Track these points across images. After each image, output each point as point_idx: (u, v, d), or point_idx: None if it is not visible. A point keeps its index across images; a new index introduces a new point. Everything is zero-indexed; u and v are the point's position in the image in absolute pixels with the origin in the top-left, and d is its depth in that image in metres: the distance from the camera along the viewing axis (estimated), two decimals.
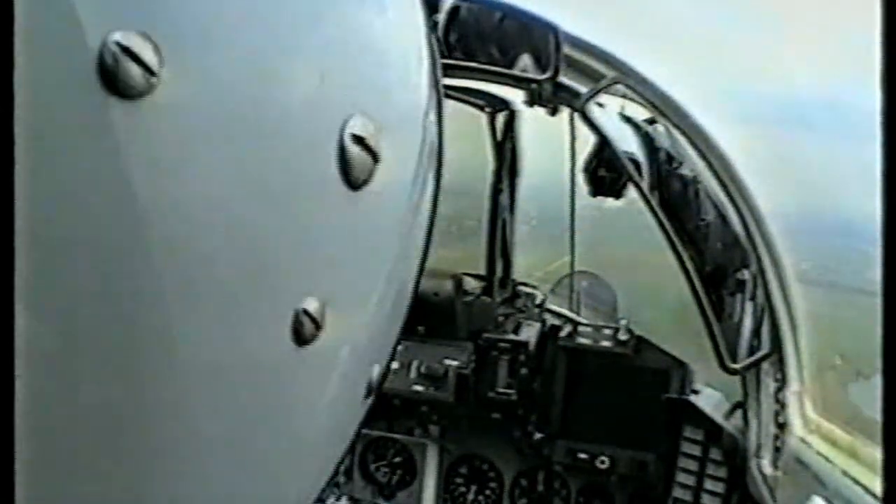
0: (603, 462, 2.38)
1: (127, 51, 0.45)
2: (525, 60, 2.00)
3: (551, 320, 2.57)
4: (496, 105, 2.43)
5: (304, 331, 0.58)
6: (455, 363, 2.37)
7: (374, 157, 0.59)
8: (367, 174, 0.59)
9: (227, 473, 0.62)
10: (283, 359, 0.59)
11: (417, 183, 0.71)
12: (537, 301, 2.59)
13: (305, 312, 0.57)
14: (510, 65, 2.02)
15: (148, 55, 0.45)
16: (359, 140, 0.57)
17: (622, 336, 2.36)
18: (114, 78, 0.44)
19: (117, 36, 0.44)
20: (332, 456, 0.78)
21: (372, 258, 0.67)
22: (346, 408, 0.76)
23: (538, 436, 2.44)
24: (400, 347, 2.38)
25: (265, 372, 0.59)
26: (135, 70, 0.45)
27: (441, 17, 1.99)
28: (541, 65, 1.99)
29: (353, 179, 0.58)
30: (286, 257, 0.56)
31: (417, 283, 0.81)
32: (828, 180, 2.78)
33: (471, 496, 2.65)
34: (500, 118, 2.46)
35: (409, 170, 0.69)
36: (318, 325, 0.59)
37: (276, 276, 0.56)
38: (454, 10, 1.98)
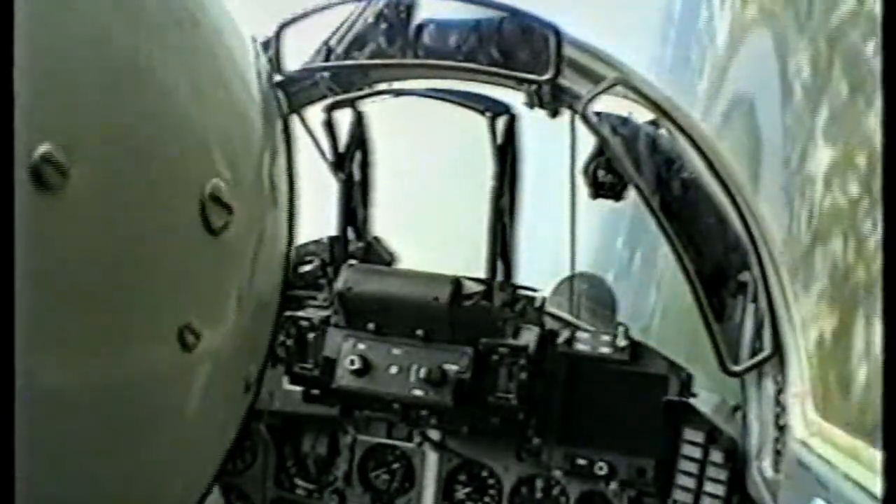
0: (601, 468, 2.37)
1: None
2: None
3: (550, 324, 2.56)
4: (496, 109, 2.43)
5: (188, 341, 0.77)
6: (454, 368, 2.35)
7: (228, 209, 0.78)
8: (223, 222, 0.78)
9: (111, 472, 0.77)
10: (172, 365, 0.78)
11: (266, 220, 0.94)
12: (536, 304, 2.57)
13: (188, 327, 0.76)
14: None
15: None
16: (215, 198, 0.76)
17: (620, 342, 2.35)
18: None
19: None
20: (216, 450, 0.96)
21: (231, 283, 0.88)
22: (226, 402, 0.95)
23: (536, 441, 2.43)
24: (399, 352, 2.40)
25: (156, 377, 0.77)
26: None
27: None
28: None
29: (213, 228, 0.77)
30: (166, 285, 0.76)
31: (283, 292, 1.09)
32: None
33: None
34: (501, 122, 2.45)
35: (257, 213, 0.90)
36: (198, 336, 0.78)
37: (160, 300, 0.76)
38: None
